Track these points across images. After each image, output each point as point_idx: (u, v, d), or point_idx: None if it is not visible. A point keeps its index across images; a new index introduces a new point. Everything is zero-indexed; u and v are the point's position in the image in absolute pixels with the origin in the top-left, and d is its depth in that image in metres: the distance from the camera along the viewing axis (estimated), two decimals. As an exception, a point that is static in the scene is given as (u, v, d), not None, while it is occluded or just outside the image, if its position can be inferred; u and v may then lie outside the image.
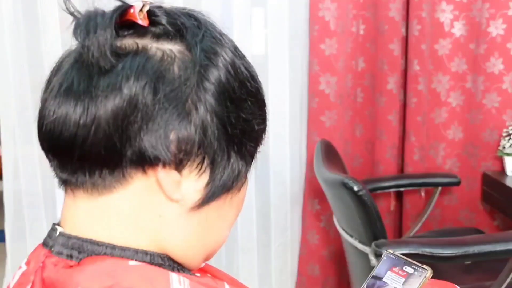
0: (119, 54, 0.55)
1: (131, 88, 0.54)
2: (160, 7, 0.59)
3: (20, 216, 2.19)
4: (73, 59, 0.57)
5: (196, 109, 0.55)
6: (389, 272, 0.66)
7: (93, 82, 0.54)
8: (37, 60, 2.08)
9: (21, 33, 2.07)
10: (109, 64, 0.54)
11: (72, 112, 0.55)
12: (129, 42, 0.57)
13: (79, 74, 0.55)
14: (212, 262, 0.67)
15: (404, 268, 0.66)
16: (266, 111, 0.63)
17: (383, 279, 0.66)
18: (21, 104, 2.11)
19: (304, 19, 2.19)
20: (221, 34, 0.60)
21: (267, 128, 0.64)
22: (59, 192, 0.62)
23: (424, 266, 0.66)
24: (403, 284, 0.65)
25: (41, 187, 2.17)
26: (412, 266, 0.66)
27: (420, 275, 0.65)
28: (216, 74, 0.57)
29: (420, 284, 0.64)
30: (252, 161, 0.63)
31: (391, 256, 0.67)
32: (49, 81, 0.59)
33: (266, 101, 0.63)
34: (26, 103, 2.11)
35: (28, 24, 2.07)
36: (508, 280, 1.59)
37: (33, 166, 2.14)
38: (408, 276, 0.65)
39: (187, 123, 0.55)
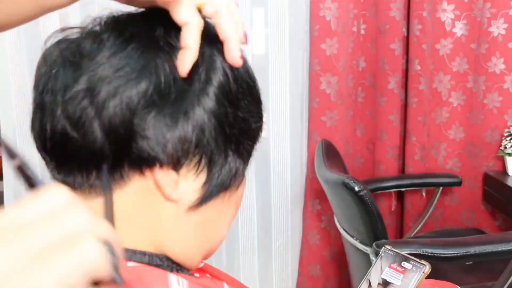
0: None
1: None
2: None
3: (20, 216, 2.19)
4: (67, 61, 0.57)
5: (193, 109, 0.55)
6: (387, 269, 0.66)
7: None
8: (37, 60, 2.07)
9: (21, 33, 2.07)
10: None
11: None
12: None
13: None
14: (213, 263, 0.67)
15: (402, 264, 0.66)
16: (262, 108, 0.63)
17: (382, 276, 0.65)
18: (21, 104, 2.11)
19: (305, 19, 2.19)
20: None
21: (265, 126, 0.63)
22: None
23: (423, 262, 0.66)
24: (401, 280, 0.64)
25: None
26: (410, 261, 0.66)
27: (419, 271, 0.65)
28: (213, 75, 0.56)
29: (418, 280, 0.64)
30: (249, 159, 0.63)
31: (389, 252, 0.67)
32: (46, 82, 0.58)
33: (264, 100, 0.63)
34: (26, 103, 2.11)
35: (28, 24, 2.07)
36: (510, 280, 1.59)
37: (33, 166, 2.14)
38: (406, 271, 0.65)
39: (185, 123, 0.55)
